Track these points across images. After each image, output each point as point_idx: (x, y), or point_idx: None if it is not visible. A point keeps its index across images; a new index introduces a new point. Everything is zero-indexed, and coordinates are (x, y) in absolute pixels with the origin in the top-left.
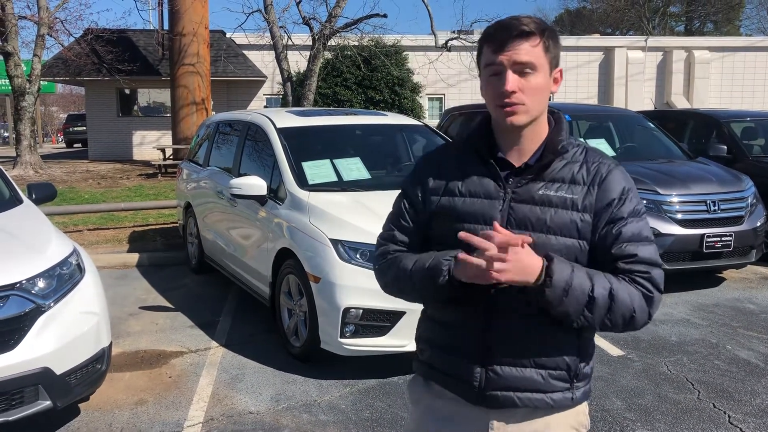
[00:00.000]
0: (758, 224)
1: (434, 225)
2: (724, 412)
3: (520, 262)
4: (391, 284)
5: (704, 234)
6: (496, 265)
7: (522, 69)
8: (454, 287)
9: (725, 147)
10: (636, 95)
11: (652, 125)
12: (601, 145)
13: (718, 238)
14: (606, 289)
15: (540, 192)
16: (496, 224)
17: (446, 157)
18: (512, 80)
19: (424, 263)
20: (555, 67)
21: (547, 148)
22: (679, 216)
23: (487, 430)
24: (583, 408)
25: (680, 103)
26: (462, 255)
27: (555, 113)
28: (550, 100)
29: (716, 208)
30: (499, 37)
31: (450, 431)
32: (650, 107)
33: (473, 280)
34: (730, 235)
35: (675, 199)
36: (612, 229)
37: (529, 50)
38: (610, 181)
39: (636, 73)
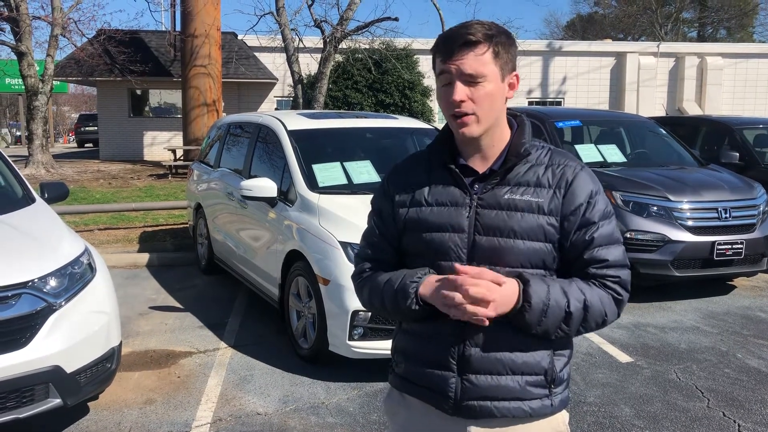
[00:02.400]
0: None
1: (405, 237)
2: (734, 421)
3: (503, 294)
4: (368, 304)
5: (715, 241)
6: (490, 310)
7: (470, 79)
8: (423, 309)
9: (737, 154)
10: (648, 101)
11: (663, 131)
12: (612, 150)
13: (729, 246)
14: (581, 302)
15: (506, 197)
16: (458, 266)
17: (412, 168)
18: (460, 90)
19: (393, 285)
20: (509, 71)
21: (510, 151)
22: (690, 223)
23: None
24: (563, 417)
25: (692, 109)
26: (455, 313)
27: (517, 116)
28: (552, 104)
29: (727, 215)
30: (445, 47)
31: None
32: (662, 113)
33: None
34: (741, 243)
35: (686, 206)
36: (584, 234)
37: (474, 60)
38: (577, 184)
39: (648, 78)
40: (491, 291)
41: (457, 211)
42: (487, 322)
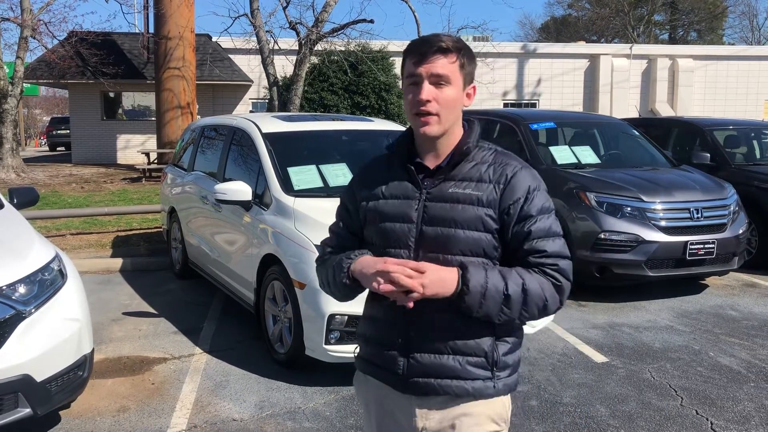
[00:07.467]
0: (740, 232)
1: (366, 228)
2: (707, 419)
3: (436, 274)
4: (322, 284)
5: (687, 241)
6: (417, 286)
7: (438, 81)
8: (353, 284)
9: (708, 155)
10: (621, 102)
11: (636, 133)
12: (586, 152)
13: (701, 246)
14: (519, 285)
15: (450, 191)
16: (389, 260)
17: (375, 167)
18: (427, 90)
19: (334, 261)
20: (469, 83)
21: (455, 150)
22: (663, 223)
23: (413, 418)
24: (506, 400)
25: (664, 110)
26: (384, 287)
27: (470, 120)
28: (527, 106)
29: (699, 215)
30: (419, 51)
31: (386, 419)
32: (635, 114)
33: (396, 300)
34: (713, 243)
35: (659, 207)
36: (523, 227)
37: (445, 65)
38: (516, 180)
39: (621, 80)
40: (413, 278)
41: (408, 204)
42: (411, 305)
